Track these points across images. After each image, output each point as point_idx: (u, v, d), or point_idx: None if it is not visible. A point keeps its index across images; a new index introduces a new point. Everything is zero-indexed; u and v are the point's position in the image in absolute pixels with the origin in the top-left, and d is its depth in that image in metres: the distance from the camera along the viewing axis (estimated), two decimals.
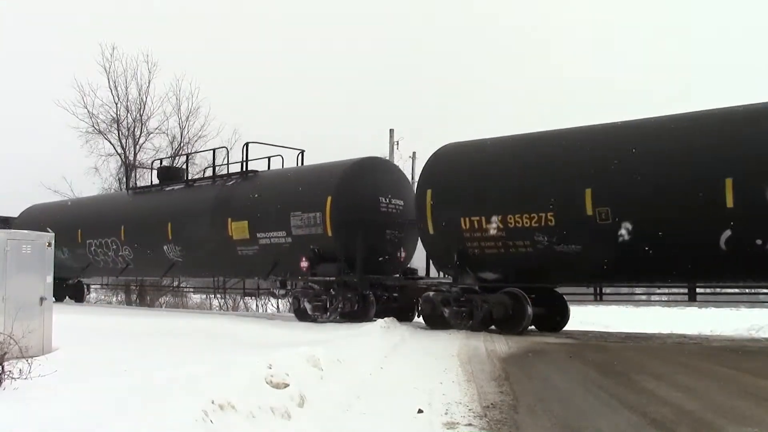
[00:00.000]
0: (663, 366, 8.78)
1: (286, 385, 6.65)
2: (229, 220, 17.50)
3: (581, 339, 12.61)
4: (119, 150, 32.24)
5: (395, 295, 15.75)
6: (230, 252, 17.58)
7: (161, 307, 28.55)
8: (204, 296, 29.01)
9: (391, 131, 29.33)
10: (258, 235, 16.89)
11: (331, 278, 15.39)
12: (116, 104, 32.04)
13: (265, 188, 17.45)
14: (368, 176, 15.98)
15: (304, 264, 15.79)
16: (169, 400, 5.67)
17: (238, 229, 17.32)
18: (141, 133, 32.46)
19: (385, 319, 13.60)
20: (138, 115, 32.34)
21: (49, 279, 10.36)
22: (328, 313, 15.42)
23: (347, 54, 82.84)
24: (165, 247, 19.45)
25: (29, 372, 7.17)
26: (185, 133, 32.78)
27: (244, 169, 18.43)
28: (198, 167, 32.97)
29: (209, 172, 21.02)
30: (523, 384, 8.02)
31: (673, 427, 5.76)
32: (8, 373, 7.10)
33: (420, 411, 6.57)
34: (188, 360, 9.21)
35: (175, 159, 32.72)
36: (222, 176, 19.27)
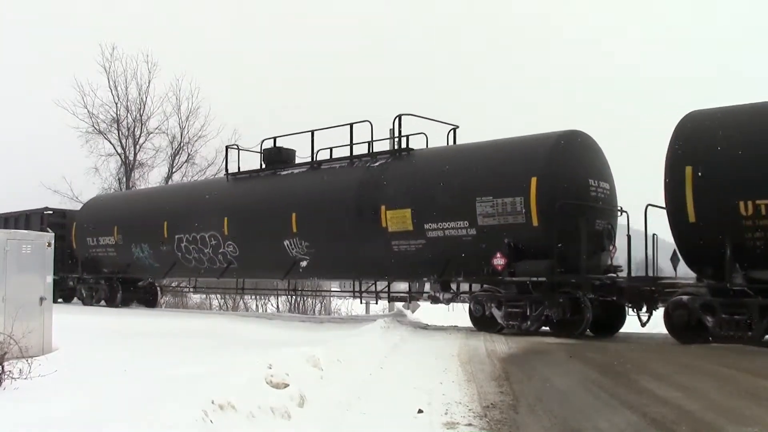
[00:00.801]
0: (663, 366, 8.78)
1: (286, 385, 6.65)
2: (383, 208, 14.37)
3: (581, 339, 12.60)
4: (119, 150, 32.30)
5: (613, 299, 12.58)
6: (382, 248, 14.48)
7: (161, 307, 28.54)
8: (204, 296, 28.95)
9: (392, 131, 29.30)
10: (426, 226, 13.76)
11: (540, 279, 12.44)
12: (116, 104, 32.11)
13: (433, 169, 14.32)
14: (576, 154, 13.14)
15: (499, 261, 12.76)
16: (169, 400, 5.68)
17: (396, 220, 14.18)
18: (141, 133, 32.53)
19: (385, 318, 13.54)
20: (138, 115, 32.40)
21: (49, 279, 10.36)
22: (529, 322, 12.62)
23: (347, 54, 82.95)
24: (286, 243, 16.23)
25: (29, 372, 7.18)
26: (185, 133, 32.82)
27: (398, 146, 15.37)
28: (198, 167, 33.15)
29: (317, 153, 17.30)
30: (523, 384, 8.02)
31: (673, 427, 5.76)
32: (8, 373, 7.11)
33: (420, 411, 6.57)
34: (188, 360, 9.22)
35: (175, 159, 32.79)
36: (362, 156, 15.84)
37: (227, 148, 19.38)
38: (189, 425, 4.98)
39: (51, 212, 23.94)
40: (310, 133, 16.79)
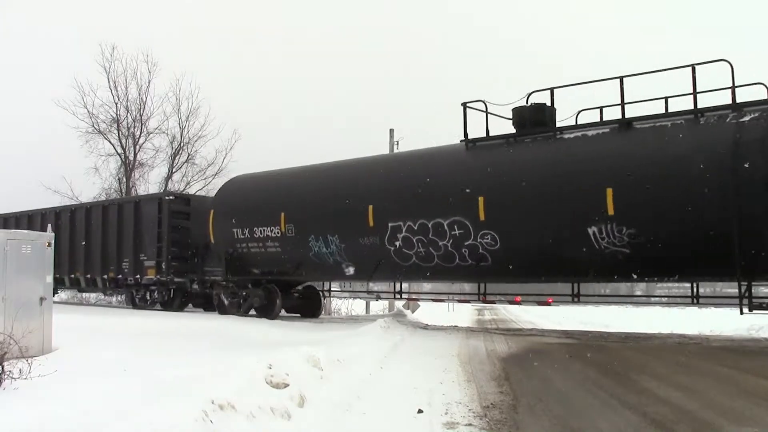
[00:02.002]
0: (663, 366, 8.79)
1: (286, 385, 6.65)
2: None
3: (581, 339, 12.60)
4: (119, 150, 32.32)
5: None
6: None
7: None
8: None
9: (391, 131, 29.43)
10: None
11: None
12: (116, 104, 32.16)
13: None
14: None
15: None
16: (169, 400, 5.68)
17: None
18: (141, 133, 32.56)
19: (385, 318, 13.53)
20: (138, 115, 32.45)
21: (49, 279, 10.35)
22: None
23: (347, 54, 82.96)
24: (592, 231, 11.86)
25: (29, 372, 7.18)
26: (185, 133, 32.87)
27: None
28: (198, 167, 33.15)
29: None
30: (523, 384, 8.02)
31: (673, 427, 5.77)
32: (8, 373, 7.11)
33: (420, 411, 6.57)
34: (189, 360, 9.22)
35: (175, 159, 32.77)
36: (705, 110, 11.54)
37: (464, 105, 14.16)
38: (189, 425, 4.98)
39: (172, 197, 19.84)
40: (618, 80, 12.23)
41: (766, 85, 11.21)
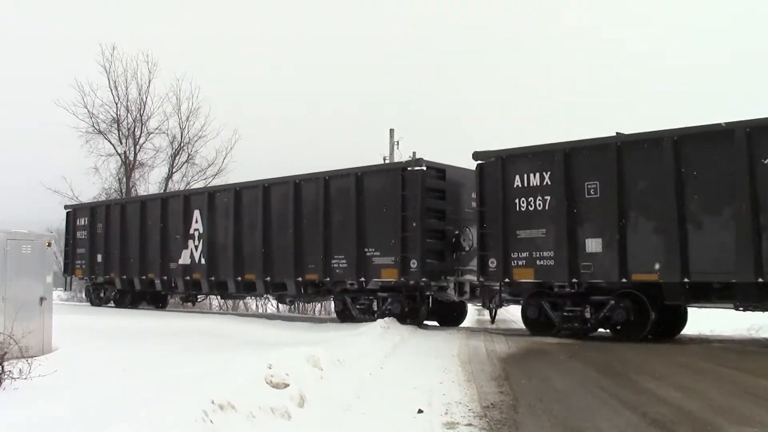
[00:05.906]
0: (663, 366, 8.78)
1: (286, 385, 6.65)
2: None
3: (581, 339, 12.59)
4: (119, 150, 32.26)
5: None
6: None
7: None
8: (203, 296, 28.87)
9: (391, 131, 29.43)
10: None
11: None
12: (116, 104, 32.06)
13: None
14: None
15: None
16: (169, 400, 5.68)
17: None
18: (141, 133, 32.49)
19: (385, 318, 13.55)
20: (138, 115, 32.36)
21: (49, 279, 10.37)
22: None
23: (347, 54, 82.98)
24: None
25: (29, 372, 7.19)
26: (185, 133, 32.81)
27: None
28: (198, 167, 33.14)
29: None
30: (522, 384, 8.02)
31: (673, 427, 5.76)
32: (8, 373, 7.12)
33: (420, 411, 6.57)
34: (188, 360, 9.22)
35: (175, 159, 32.68)
36: None
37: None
38: (189, 425, 4.97)
39: None
40: None
41: None
